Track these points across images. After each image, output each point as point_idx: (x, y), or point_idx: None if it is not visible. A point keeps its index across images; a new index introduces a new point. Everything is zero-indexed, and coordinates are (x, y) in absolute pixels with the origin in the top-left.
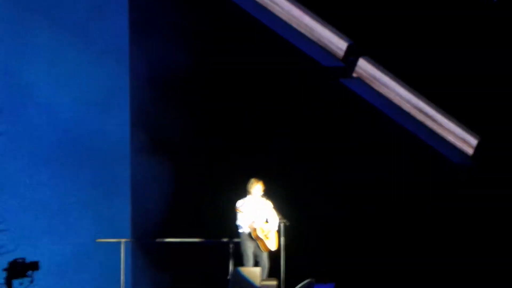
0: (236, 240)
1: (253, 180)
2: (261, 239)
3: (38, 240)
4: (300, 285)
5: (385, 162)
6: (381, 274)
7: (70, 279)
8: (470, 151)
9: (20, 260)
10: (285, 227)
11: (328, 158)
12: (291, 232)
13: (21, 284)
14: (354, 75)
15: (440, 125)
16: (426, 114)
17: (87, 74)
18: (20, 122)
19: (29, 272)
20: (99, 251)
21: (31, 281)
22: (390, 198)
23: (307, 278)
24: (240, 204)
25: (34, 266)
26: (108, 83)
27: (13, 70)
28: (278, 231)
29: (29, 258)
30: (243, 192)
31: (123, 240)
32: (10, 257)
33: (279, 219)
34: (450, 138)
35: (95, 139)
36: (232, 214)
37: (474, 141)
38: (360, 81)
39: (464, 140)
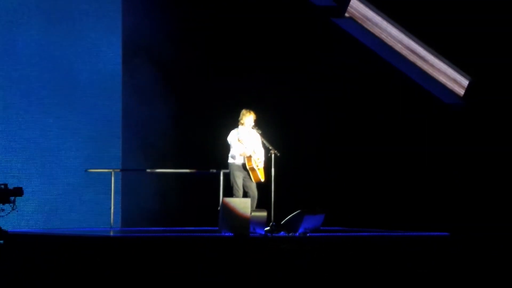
0: (225, 171)
1: (245, 111)
2: (254, 169)
3: (28, 176)
4: (290, 216)
5: (376, 102)
6: (370, 205)
7: (60, 211)
8: (461, 91)
9: (2, 186)
10: (276, 157)
11: (319, 96)
12: (282, 163)
13: (2, 210)
14: (347, 15)
15: (432, 65)
16: (417, 54)
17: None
18: (9, 60)
19: (12, 198)
20: (89, 181)
21: (13, 208)
22: (381, 138)
23: (297, 209)
24: (234, 135)
25: (18, 192)
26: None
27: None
28: (269, 162)
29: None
30: (233, 123)
31: (113, 170)
32: None
33: (270, 149)
34: (442, 79)
35: (86, 76)
36: (221, 145)
37: (465, 82)
38: (353, 21)
39: (456, 81)
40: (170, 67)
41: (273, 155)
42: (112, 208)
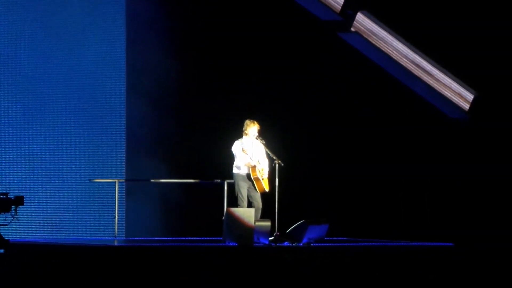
0: (229, 181)
1: (249, 122)
2: (258, 179)
3: (31, 187)
4: (294, 226)
5: (381, 116)
6: (374, 215)
7: (63, 222)
8: (466, 106)
9: (3, 195)
10: (280, 167)
11: (323, 107)
12: (286, 173)
13: (5, 219)
14: (352, 29)
15: (437, 80)
16: (423, 69)
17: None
18: (12, 73)
19: (13, 207)
20: (93, 192)
21: (14, 217)
22: (385, 149)
23: (301, 219)
24: (239, 145)
25: (19, 201)
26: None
27: (7, 20)
28: (273, 172)
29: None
30: (236, 133)
31: (117, 180)
32: None
33: (274, 159)
34: (447, 93)
35: (90, 89)
36: (225, 155)
37: (470, 96)
38: (358, 35)
39: (461, 95)
40: (174, 78)
41: (277, 165)
42: (116, 218)
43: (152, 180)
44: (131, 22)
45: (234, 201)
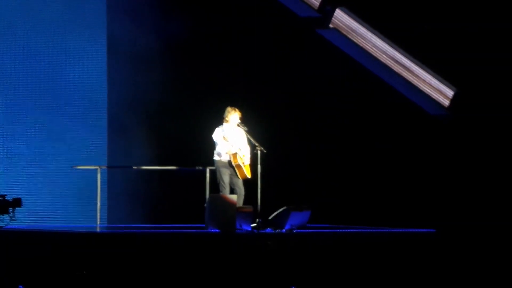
0: (211, 167)
1: (230, 109)
2: (240, 166)
3: (14, 175)
4: (276, 212)
5: (360, 113)
6: (356, 202)
7: (46, 209)
8: (446, 102)
9: (0, 197)
10: (262, 154)
11: (305, 94)
12: (267, 160)
13: (1, 221)
14: (331, 26)
15: (417, 76)
16: (402, 65)
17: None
18: None
19: (10, 209)
20: (75, 180)
21: (11, 218)
22: (365, 149)
23: (284, 206)
24: (219, 132)
25: (17, 203)
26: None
27: None
28: (255, 159)
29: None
30: (218, 119)
31: (99, 167)
32: None
33: (256, 146)
34: (427, 89)
35: (72, 85)
36: (206, 142)
37: (450, 92)
38: (337, 32)
39: (441, 92)
40: (155, 66)
41: (259, 152)
42: (98, 204)
43: (134, 167)
44: (112, 14)
45: (216, 188)
